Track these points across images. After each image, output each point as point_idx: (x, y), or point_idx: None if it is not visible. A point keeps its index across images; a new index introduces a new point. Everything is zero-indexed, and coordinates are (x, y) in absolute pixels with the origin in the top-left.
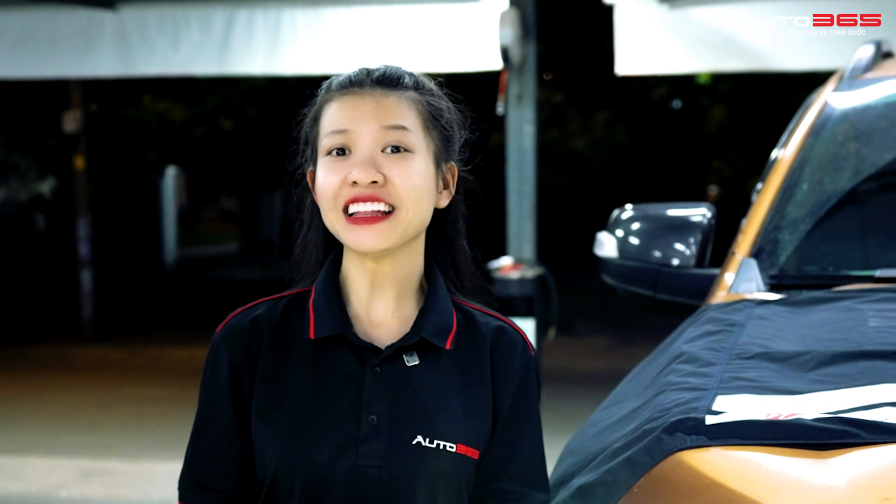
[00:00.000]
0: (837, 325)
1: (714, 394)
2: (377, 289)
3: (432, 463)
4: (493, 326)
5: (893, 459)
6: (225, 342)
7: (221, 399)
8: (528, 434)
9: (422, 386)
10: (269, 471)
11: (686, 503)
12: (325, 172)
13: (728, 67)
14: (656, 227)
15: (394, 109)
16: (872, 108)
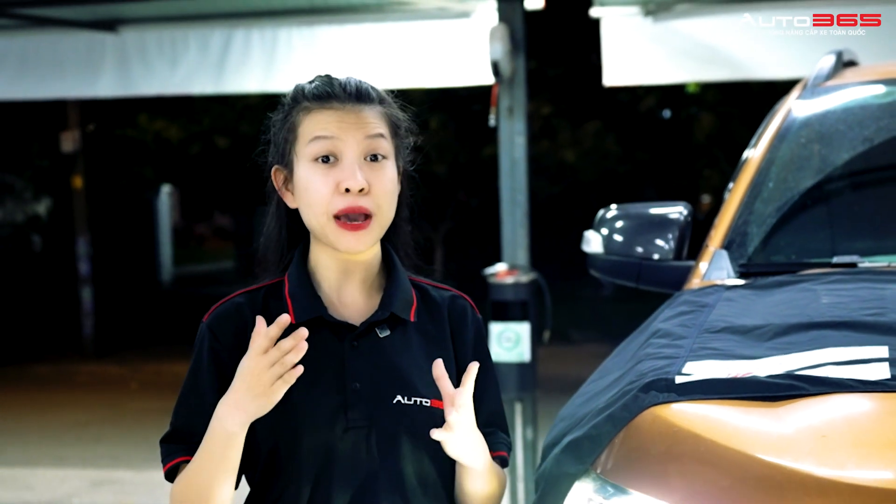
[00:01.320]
0: (794, 303)
1: (684, 360)
2: (348, 275)
3: (412, 417)
4: (445, 297)
5: (830, 406)
6: (211, 329)
7: (206, 377)
8: (487, 384)
9: (394, 353)
10: (268, 440)
11: (660, 450)
12: (312, 177)
13: (712, 77)
14: (638, 225)
15: (372, 121)
16: (832, 114)
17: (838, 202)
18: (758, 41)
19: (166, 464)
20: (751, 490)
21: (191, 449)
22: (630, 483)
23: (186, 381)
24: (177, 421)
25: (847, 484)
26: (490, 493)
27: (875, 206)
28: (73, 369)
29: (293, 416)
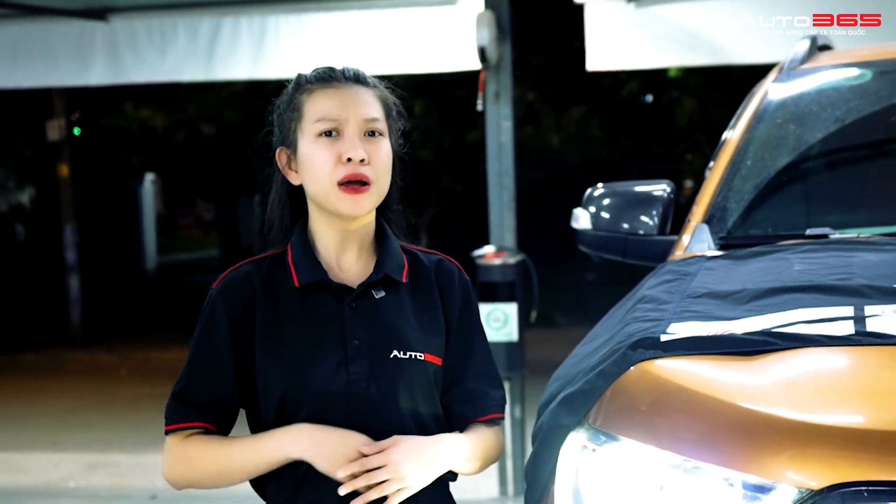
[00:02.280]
0: (769, 270)
1: (668, 322)
2: (345, 243)
3: (408, 370)
4: (433, 260)
5: (800, 359)
6: (222, 296)
7: (221, 340)
8: (477, 341)
9: (389, 312)
10: (277, 395)
11: (646, 401)
12: (316, 150)
13: (693, 62)
14: (624, 202)
15: (370, 101)
16: (806, 96)
17: (812, 179)
18: (738, 26)
19: (176, 423)
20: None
21: (203, 414)
22: (620, 431)
23: (198, 345)
24: (189, 382)
25: (814, 425)
26: (484, 456)
27: (846, 182)
28: (63, 357)
29: (300, 371)
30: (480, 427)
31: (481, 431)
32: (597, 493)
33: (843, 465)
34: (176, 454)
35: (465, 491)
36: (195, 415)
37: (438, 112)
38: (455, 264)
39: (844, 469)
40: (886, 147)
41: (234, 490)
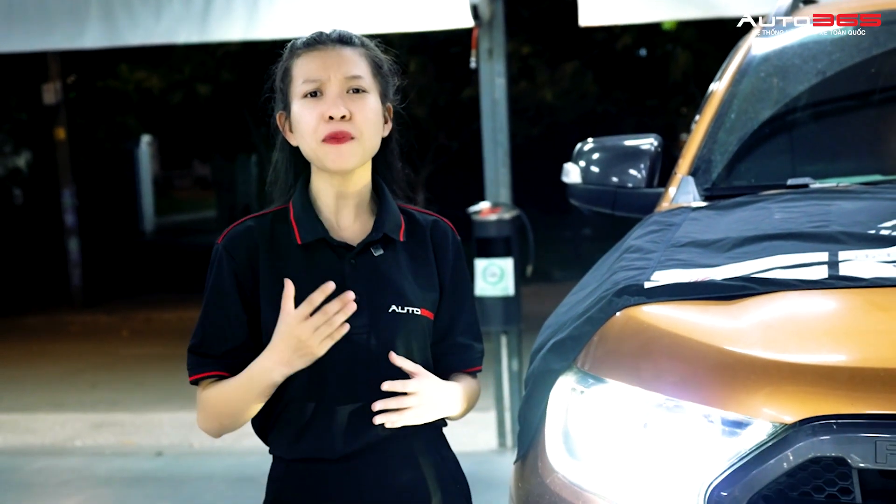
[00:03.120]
0: (750, 219)
1: (653, 270)
2: (342, 200)
3: (405, 324)
4: (429, 221)
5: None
6: (227, 250)
7: (229, 293)
8: (466, 298)
9: (387, 269)
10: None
11: (631, 345)
12: (303, 110)
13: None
14: (612, 156)
15: (353, 60)
16: (788, 49)
17: (794, 130)
18: None
19: (197, 374)
20: (708, 373)
21: (219, 363)
22: (607, 373)
23: (209, 298)
24: (204, 334)
25: (787, 364)
26: (464, 411)
27: (827, 133)
28: (64, 319)
29: None
30: (465, 377)
31: (467, 380)
32: (585, 432)
33: (813, 400)
34: (202, 404)
35: (464, 444)
36: (212, 364)
37: (434, 69)
38: (448, 224)
39: (815, 404)
40: (867, 98)
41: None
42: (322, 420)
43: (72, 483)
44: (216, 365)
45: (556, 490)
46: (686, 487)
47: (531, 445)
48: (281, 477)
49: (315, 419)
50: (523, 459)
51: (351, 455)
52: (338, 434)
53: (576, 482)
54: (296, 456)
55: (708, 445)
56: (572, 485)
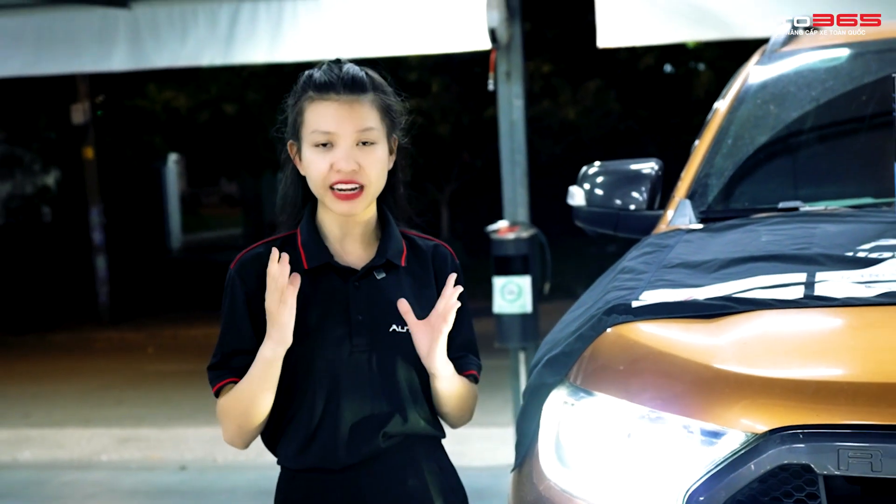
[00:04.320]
0: (739, 241)
1: (642, 290)
2: (347, 229)
3: (404, 343)
4: (430, 245)
5: (753, 321)
6: (239, 275)
7: (242, 315)
8: (464, 318)
9: (389, 292)
10: (291, 360)
11: (619, 361)
12: (314, 157)
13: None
14: (615, 180)
15: (363, 113)
16: (785, 77)
17: (788, 155)
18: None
19: (216, 384)
20: (688, 387)
21: (234, 372)
22: (595, 387)
23: (224, 320)
24: (221, 352)
25: (760, 378)
26: (460, 394)
27: (820, 157)
28: (91, 336)
29: (308, 342)
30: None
31: (462, 379)
32: (575, 441)
33: (783, 411)
34: (220, 413)
35: (484, 459)
36: (229, 373)
37: (459, 88)
38: (448, 249)
39: (784, 415)
40: (857, 125)
41: (260, 461)
42: (326, 432)
43: (98, 496)
44: (233, 373)
45: (549, 496)
46: (666, 493)
47: (527, 455)
48: (287, 486)
49: (320, 431)
50: (520, 468)
51: (354, 465)
52: (341, 445)
53: (566, 489)
54: (301, 466)
55: (687, 454)
56: (563, 491)
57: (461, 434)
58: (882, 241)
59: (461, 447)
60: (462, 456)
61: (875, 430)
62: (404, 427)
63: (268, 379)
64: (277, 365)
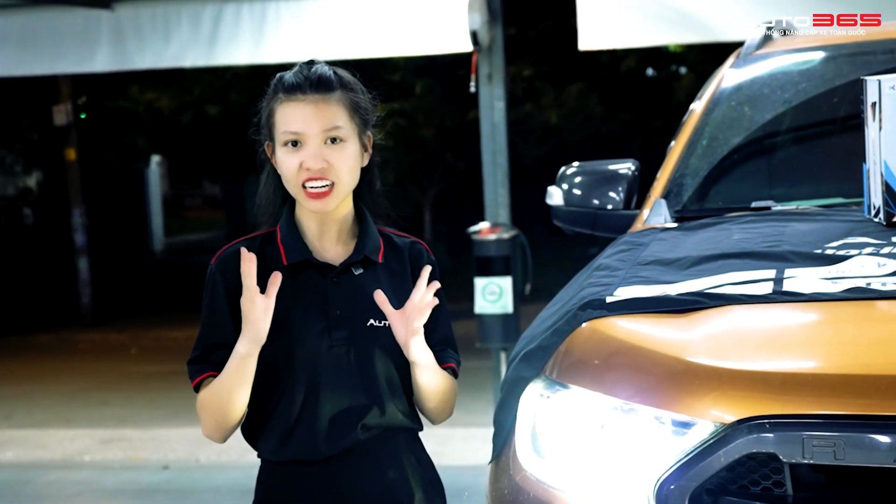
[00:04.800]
0: (712, 239)
1: (616, 286)
2: (325, 227)
3: (382, 337)
4: (406, 242)
5: (723, 315)
6: (219, 270)
7: (223, 310)
8: (440, 313)
9: (366, 287)
10: (270, 355)
11: (593, 354)
12: (285, 157)
13: (683, 40)
14: (593, 180)
15: (331, 111)
16: (759, 80)
17: (761, 156)
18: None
19: (195, 378)
20: (660, 379)
21: (214, 366)
22: (570, 380)
23: (205, 315)
24: (201, 346)
25: (728, 370)
26: (441, 388)
27: (792, 158)
28: (74, 337)
29: (289, 337)
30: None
31: (443, 373)
32: (550, 433)
33: (750, 402)
34: (201, 406)
35: (466, 458)
36: (208, 367)
37: (442, 90)
38: (424, 246)
39: (751, 406)
40: (829, 126)
41: (243, 461)
42: (306, 425)
43: (81, 496)
44: (212, 367)
45: (525, 487)
46: (638, 481)
47: (504, 446)
48: (268, 478)
49: (299, 424)
50: (497, 460)
51: (334, 457)
52: (321, 438)
53: (542, 479)
54: (282, 458)
55: (658, 444)
56: (539, 482)
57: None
58: (849, 240)
59: (443, 447)
60: (443, 456)
61: (838, 420)
62: (382, 419)
63: (243, 374)
64: (252, 361)
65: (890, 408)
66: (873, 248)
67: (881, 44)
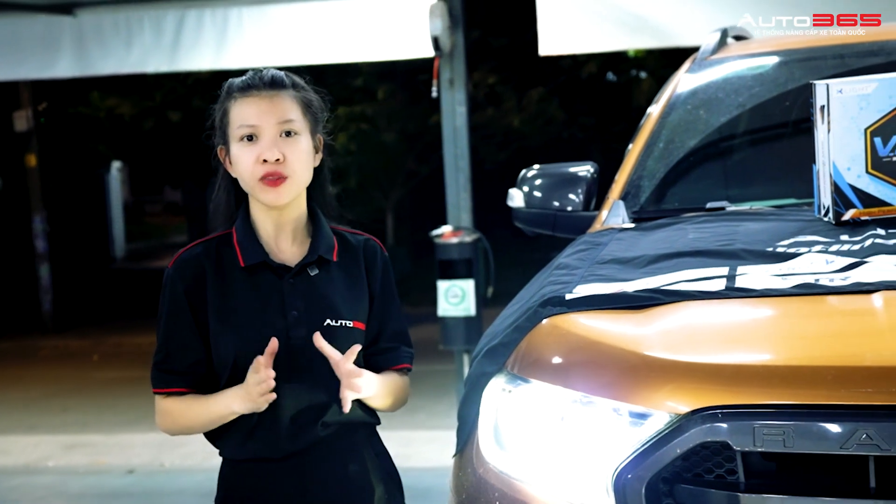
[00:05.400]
0: (668, 239)
1: (575, 284)
2: (280, 227)
3: (339, 336)
4: (360, 240)
5: (678, 311)
6: (178, 274)
7: (185, 312)
8: (394, 308)
9: (322, 287)
10: (230, 356)
11: (553, 349)
12: (241, 153)
13: (641, 45)
14: (553, 182)
15: (284, 105)
16: (713, 84)
17: (716, 158)
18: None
19: (162, 388)
20: (617, 373)
21: (183, 379)
22: (531, 374)
23: (167, 321)
24: (164, 352)
25: (683, 363)
26: (392, 398)
27: (746, 160)
28: (35, 344)
29: (248, 338)
30: (393, 373)
31: (392, 376)
32: (512, 426)
33: (703, 393)
34: (163, 411)
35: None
36: (176, 381)
37: (404, 95)
38: (378, 243)
39: (704, 396)
40: (781, 129)
41: (207, 464)
42: (268, 424)
43: (46, 499)
44: (181, 382)
45: (487, 478)
46: (597, 471)
47: (468, 440)
48: (231, 475)
49: (261, 423)
50: (461, 453)
51: (295, 453)
52: (282, 436)
53: (504, 471)
54: (244, 457)
55: (616, 435)
56: (501, 473)
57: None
58: (800, 238)
59: (406, 449)
60: (407, 458)
61: (787, 410)
62: (341, 416)
63: (225, 420)
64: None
65: (836, 397)
66: (822, 245)
67: (832, 49)
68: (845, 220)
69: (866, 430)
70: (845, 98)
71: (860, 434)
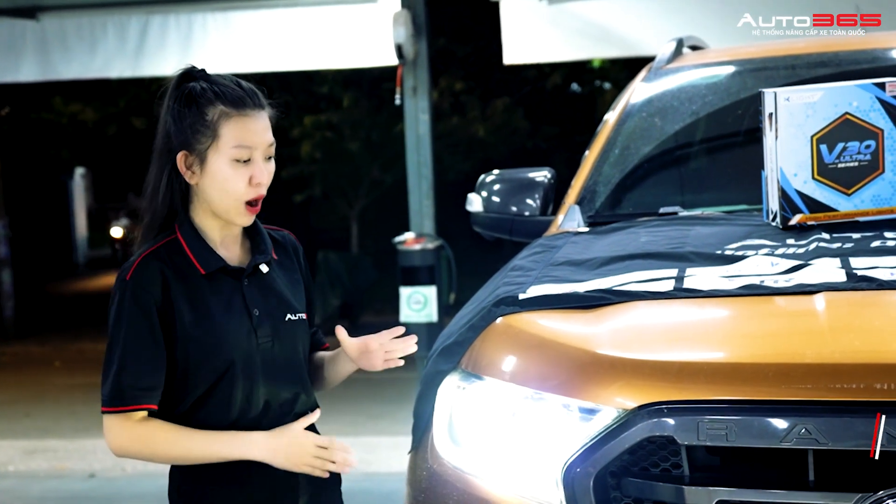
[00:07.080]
0: (620, 242)
1: (529, 285)
2: (227, 234)
3: (298, 329)
4: (284, 235)
5: (627, 311)
6: (138, 283)
7: (147, 322)
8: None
9: (274, 284)
10: (208, 365)
11: (506, 347)
12: (233, 173)
13: (604, 54)
14: (511, 187)
15: (268, 127)
16: (668, 93)
17: (670, 165)
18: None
19: (131, 405)
20: (567, 370)
21: (147, 396)
22: (484, 372)
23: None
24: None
25: (631, 360)
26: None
27: (699, 166)
28: None
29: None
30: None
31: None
32: (465, 422)
33: (649, 389)
34: (131, 434)
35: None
36: (138, 397)
37: (368, 104)
38: (292, 235)
39: (651, 393)
40: (733, 137)
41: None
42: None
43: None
44: (146, 398)
45: (442, 473)
46: (547, 465)
47: (423, 437)
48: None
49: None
50: (416, 450)
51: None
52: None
53: (458, 465)
54: None
55: (565, 430)
56: (455, 468)
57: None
58: (747, 242)
59: (370, 455)
60: (370, 463)
61: (730, 405)
62: (307, 405)
63: (212, 460)
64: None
65: (777, 393)
66: (769, 249)
67: (784, 59)
68: (792, 225)
69: (805, 425)
70: (792, 106)
71: (799, 429)
